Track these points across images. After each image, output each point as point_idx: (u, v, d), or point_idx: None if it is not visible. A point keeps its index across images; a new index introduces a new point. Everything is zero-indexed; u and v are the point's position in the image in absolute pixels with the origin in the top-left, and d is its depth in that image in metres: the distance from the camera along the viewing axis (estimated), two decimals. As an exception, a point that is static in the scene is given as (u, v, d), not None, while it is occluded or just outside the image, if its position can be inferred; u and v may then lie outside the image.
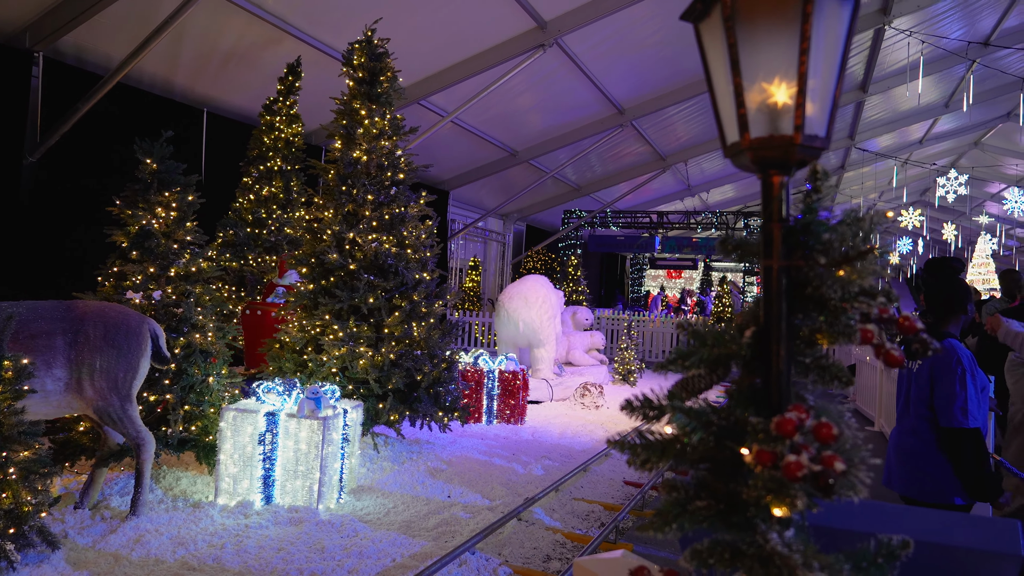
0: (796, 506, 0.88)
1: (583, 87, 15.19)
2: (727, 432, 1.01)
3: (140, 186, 6.05)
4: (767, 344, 1.03)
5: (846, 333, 1.00)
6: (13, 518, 4.10)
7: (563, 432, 9.25)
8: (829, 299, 1.00)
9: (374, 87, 7.64)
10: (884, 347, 0.98)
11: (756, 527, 0.97)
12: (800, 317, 1.06)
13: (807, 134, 1.00)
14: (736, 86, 1.02)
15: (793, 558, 0.91)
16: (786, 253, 1.03)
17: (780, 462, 0.91)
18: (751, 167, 1.06)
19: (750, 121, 1.02)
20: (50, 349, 4.79)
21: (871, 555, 0.98)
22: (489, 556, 4.89)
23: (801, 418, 0.92)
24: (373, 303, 7.16)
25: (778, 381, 1.02)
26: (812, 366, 1.05)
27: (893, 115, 20.93)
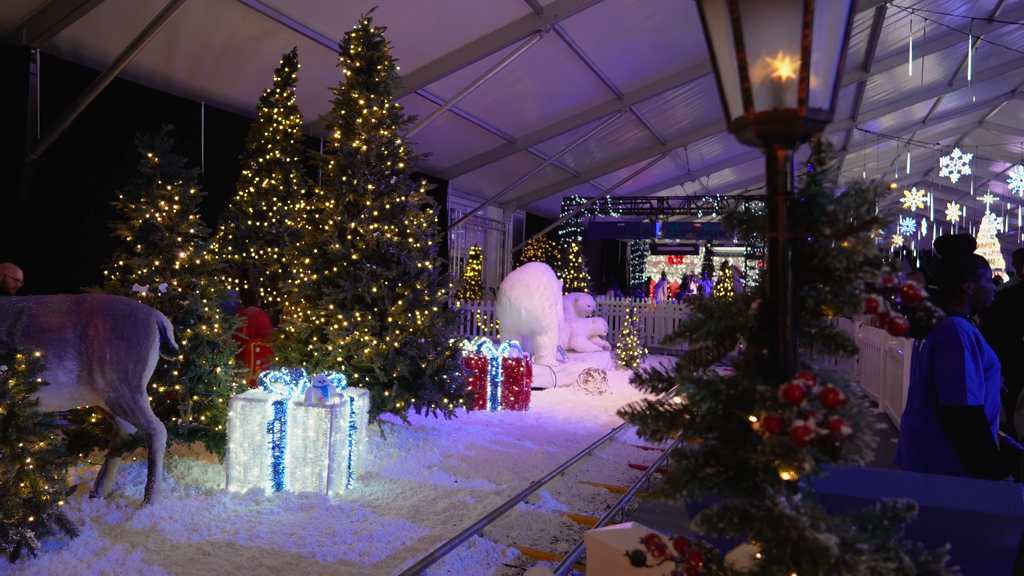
0: (804, 469, 0.91)
1: (581, 72, 15.15)
2: (735, 401, 1.04)
3: (143, 180, 6.08)
4: (773, 315, 1.06)
5: (851, 303, 1.03)
6: (32, 507, 4.16)
7: (567, 417, 9.30)
8: (834, 270, 1.03)
9: (372, 76, 7.64)
10: (888, 316, 1.00)
11: (764, 491, 1.00)
12: (806, 288, 1.08)
13: (811, 107, 1.02)
14: (740, 61, 1.04)
15: (801, 520, 0.94)
16: (791, 225, 1.06)
17: (788, 428, 0.94)
18: (755, 141, 1.08)
19: (754, 95, 1.04)
20: (61, 342, 4.84)
21: (876, 517, 1.01)
22: (497, 539, 4.94)
23: (808, 385, 0.95)
24: (376, 292, 7.19)
25: (785, 351, 1.04)
26: (818, 336, 1.08)
27: (896, 95, 20.82)
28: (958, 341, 3.27)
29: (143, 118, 10.17)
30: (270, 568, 4.30)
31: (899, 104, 21.30)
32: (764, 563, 0.98)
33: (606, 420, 9.16)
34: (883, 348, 10.26)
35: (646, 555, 1.20)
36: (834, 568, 0.91)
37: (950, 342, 3.30)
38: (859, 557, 0.89)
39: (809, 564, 0.95)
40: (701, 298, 1.15)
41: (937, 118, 23.51)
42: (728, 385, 1.04)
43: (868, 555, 0.90)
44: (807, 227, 1.05)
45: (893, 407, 9.45)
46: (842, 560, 0.89)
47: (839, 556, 0.89)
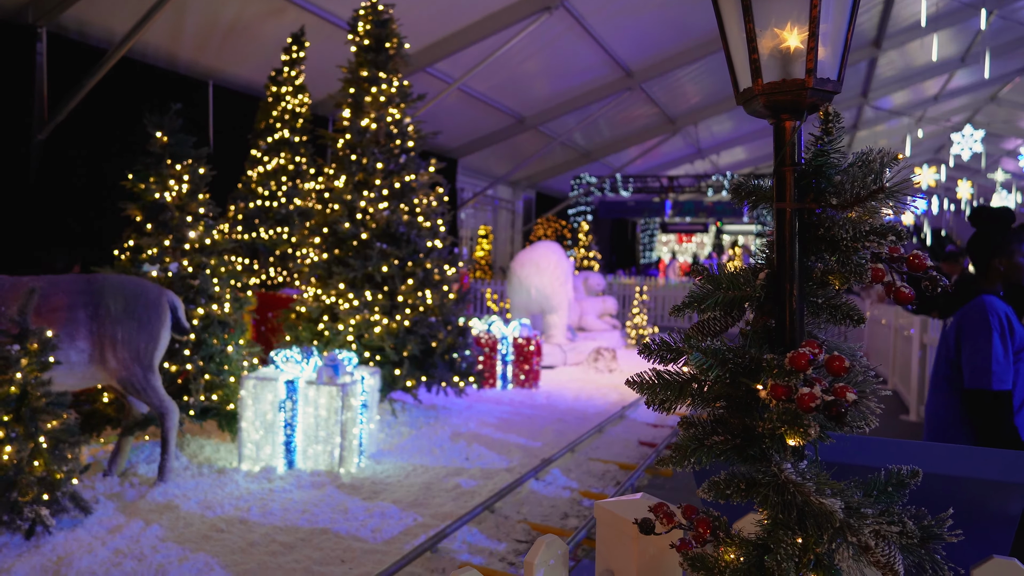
0: (809, 435, 0.92)
1: (590, 50, 15.04)
2: (742, 369, 1.05)
3: (152, 160, 6.10)
4: (780, 285, 1.07)
5: (857, 272, 1.03)
6: (46, 485, 4.22)
7: (577, 395, 9.34)
8: (841, 239, 1.03)
9: (380, 54, 7.61)
10: (895, 285, 1.01)
11: (771, 458, 1.01)
12: (812, 259, 1.09)
13: (819, 77, 1.02)
14: (748, 31, 1.04)
15: (806, 485, 0.95)
16: (798, 196, 1.06)
17: (794, 395, 0.95)
18: (763, 112, 1.08)
19: (763, 66, 1.04)
20: (72, 322, 4.88)
21: (881, 484, 1.02)
22: (508, 515, 4.99)
23: (814, 352, 0.96)
24: (387, 271, 7.21)
25: (791, 320, 1.05)
26: (824, 306, 1.09)
27: (907, 71, 20.58)
28: (986, 322, 3.10)
29: (151, 97, 10.16)
30: (283, 544, 4.37)
31: (911, 81, 21.06)
32: (770, 527, 1.00)
33: (616, 398, 9.20)
34: (893, 326, 10.23)
35: (655, 523, 1.22)
36: (839, 532, 0.92)
37: (977, 322, 3.13)
38: (863, 521, 0.91)
39: (814, 528, 0.96)
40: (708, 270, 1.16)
41: (949, 95, 23.24)
42: (735, 354, 1.06)
43: (872, 519, 0.91)
44: (814, 197, 1.06)
45: (903, 385, 9.44)
46: (847, 524, 0.91)
47: (844, 520, 0.91)
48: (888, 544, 0.90)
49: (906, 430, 8.13)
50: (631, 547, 1.38)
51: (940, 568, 0.93)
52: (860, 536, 0.89)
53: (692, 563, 1.10)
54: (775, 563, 0.95)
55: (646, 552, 1.40)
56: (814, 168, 1.05)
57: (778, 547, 0.96)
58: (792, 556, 0.96)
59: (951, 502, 1.07)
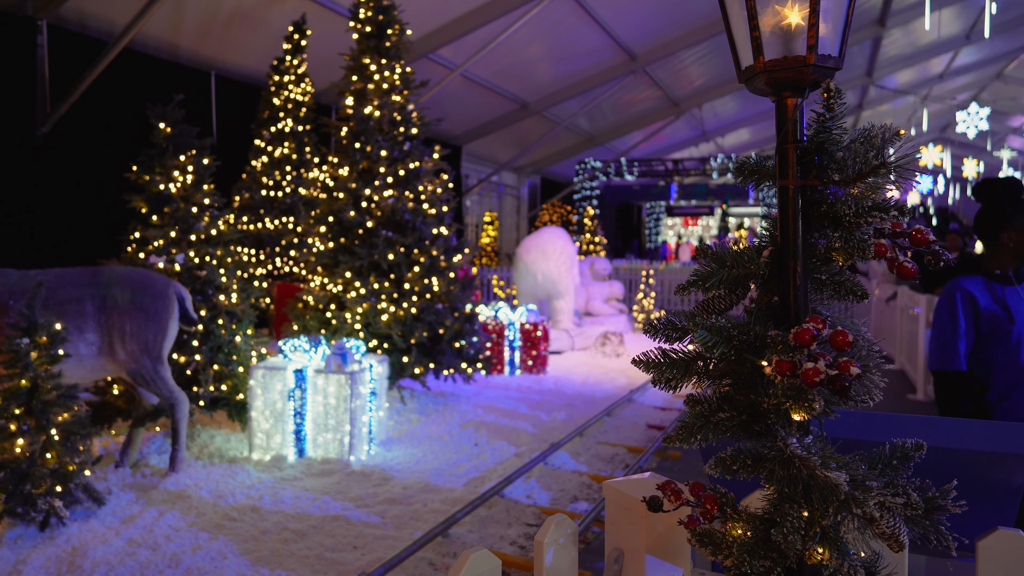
0: (814, 409, 0.93)
1: (593, 33, 14.96)
2: (747, 346, 1.06)
3: (156, 151, 6.10)
4: (784, 262, 1.07)
5: (860, 248, 1.04)
6: (59, 477, 4.26)
7: (585, 380, 9.36)
8: (843, 216, 1.04)
9: (382, 41, 7.59)
10: (898, 260, 1.01)
11: (776, 433, 1.02)
12: (816, 235, 1.09)
13: (820, 54, 1.03)
14: (750, 9, 1.04)
15: (812, 459, 0.96)
16: (801, 173, 1.06)
17: (798, 370, 0.96)
18: (765, 90, 1.08)
19: (764, 44, 1.04)
20: (80, 314, 4.91)
21: (886, 457, 1.03)
22: (518, 499, 5.03)
23: (818, 328, 0.96)
24: (393, 259, 7.22)
25: (795, 297, 1.06)
26: (828, 282, 1.09)
27: (912, 49, 20.42)
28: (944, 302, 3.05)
29: (153, 88, 10.15)
30: (295, 532, 4.41)
31: (916, 59, 20.91)
32: (777, 502, 1.01)
33: (623, 382, 9.22)
34: (899, 305, 10.21)
35: (663, 500, 1.23)
36: (844, 504, 0.93)
37: (939, 304, 3.09)
38: (868, 493, 0.92)
39: (820, 501, 0.97)
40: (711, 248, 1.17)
41: (954, 72, 23.06)
42: (740, 331, 1.06)
43: (877, 491, 0.92)
44: (816, 174, 1.06)
45: (909, 364, 9.43)
46: (852, 496, 0.91)
47: (849, 492, 0.92)
48: (893, 516, 0.91)
49: (913, 409, 8.12)
50: (639, 525, 1.40)
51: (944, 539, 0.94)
52: (865, 508, 0.90)
53: (700, 539, 1.11)
54: (781, 536, 0.96)
55: (654, 530, 1.41)
56: (816, 145, 1.05)
57: (784, 520, 0.97)
58: (798, 529, 0.97)
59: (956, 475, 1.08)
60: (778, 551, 1.01)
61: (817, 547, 0.98)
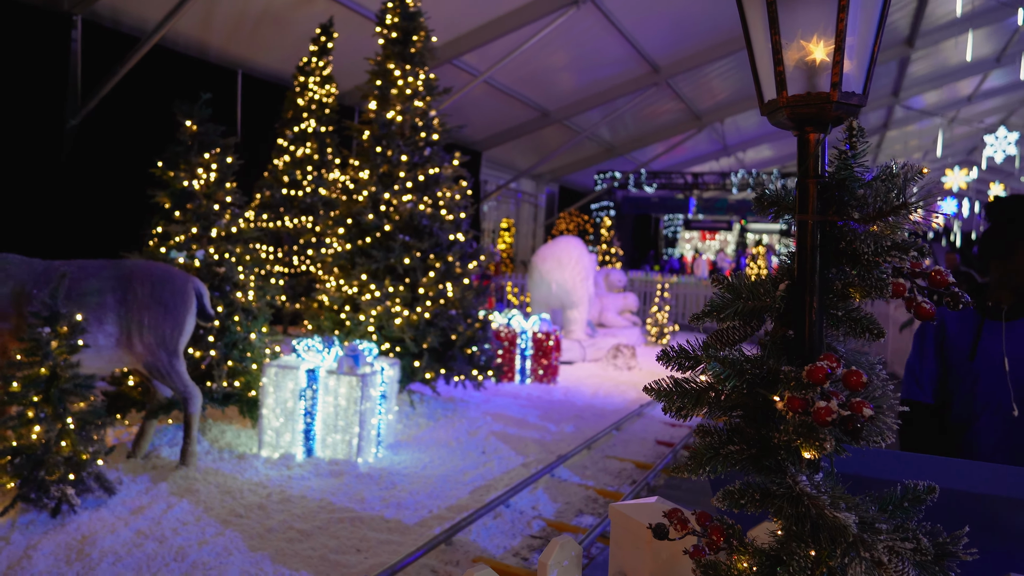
0: (825, 449, 0.93)
1: (617, 44, 14.97)
2: (760, 380, 1.06)
3: (181, 148, 6.17)
4: (800, 297, 1.07)
5: (878, 286, 1.03)
6: (72, 465, 4.31)
7: (595, 392, 9.34)
8: (862, 253, 1.03)
9: (407, 47, 7.64)
10: (915, 300, 1.01)
11: (786, 470, 1.02)
12: (833, 271, 1.09)
13: (844, 91, 1.02)
14: (774, 43, 1.04)
15: (821, 499, 0.96)
16: (821, 208, 1.06)
17: (811, 408, 0.95)
18: (787, 124, 1.08)
19: (787, 78, 1.04)
20: (101, 306, 4.96)
21: (897, 499, 1.02)
22: (523, 510, 5.02)
23: (832, 366, 0.96)
24: (408, 263, 7.25)
25: (811, 332, 1.05)
26: (844, 319, 1.09)
27: (940, 70, 20.28)
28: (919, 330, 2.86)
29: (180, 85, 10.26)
30: (300, 531, 4.42)
31: (943, 80, 20.75)
32: (784, 540, 1.00)
33: (634, 396, 9.19)
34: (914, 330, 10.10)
35: (668, 528, 1.23)
36: (852, 546, 0.93)
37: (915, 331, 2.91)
38: (877, 536, 0.91)
39: (828, 542, 0.97)
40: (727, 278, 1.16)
41: (983, 95, 22.87)
42: (753, 364, 1.06)
43: (886, 535, 0.92)
44: (836, 210, 1.06)
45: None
46: (860, 539, 0.91)
47: (857, 535, 0.91)
48: (902, 560, 0.90)
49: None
50: (645, 550, 1.39)
51: (954, 586, 0.93)
52: (874, 552, 0.89)
53: (705, 570, 1.11)
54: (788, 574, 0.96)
55: (659, 556, 1.41)
56: (837, 181, 1.05)
57: (791, 559, 0.97)
58: (805, 569, 0.96)
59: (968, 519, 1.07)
60: (783, 588, 1.00)
61: (823, 587, 0.97)
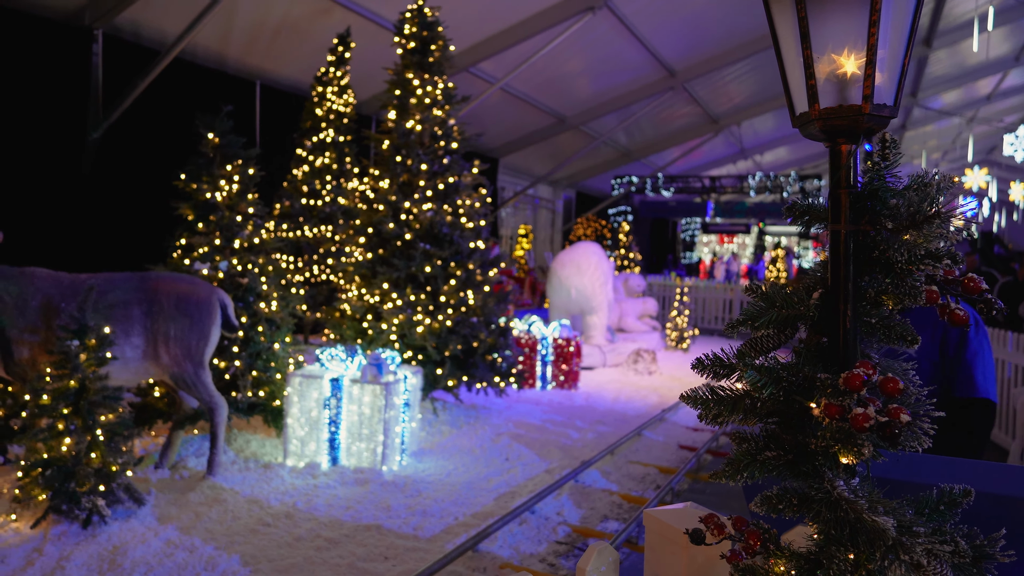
0: (863, 454, 0.95)
1: (633, 50, 14.99)
2: (796, 388, 1.08)
3: (203, 160, 6.25)
4: (834, 305, 1.09)
5: (912, 294, 1.05)
6: (102, 476, 4.37)
7: (616, 397, 9.33)
8: (895, 262, 1.05)
9: (426, 56, 7.70)
10: (949, 307, 1.02)
11: (823, 475, 1.04)
12: (866, 279, 1.11)
13: (876, 103, 1.04)
14: (806, 58, 1.06)
15: (859, 503, 0.98)
16: (853, 218, 1.08)
17: (848, 414, 0.97)
18: (819, 136, 1.10)
19: (819, 91, 1.06)
20: (127, 318, 5.03)
21: (933, 502, 1.04)
22: (548, 516, 5.03)
23: (868, 374, 0.98)
24: (430, 272, 7.30)
25: (845, 340, 1.07)
26: (878, 326, 1.11)
27: (959, 70, 20.10)
28: (983, 329, 2.88)
29: (200, 97, 10.39)
30: (328, 540, 4.46)
31: (962, 80, 20.57)
32: (823, 543, 1.02)
33: (655, 401, 9.17)
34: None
35: (705, 533, 1.25)
36: (891, 549, 0.94)
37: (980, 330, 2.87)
38: (916, 539, 0.93)
39: (866, 545, 0.98)
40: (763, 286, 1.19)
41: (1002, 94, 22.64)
42: (789, 372, 1.08)
43: (924, 538, 0.93)
44: (869, 220, 1.07)
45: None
46: (899, 542, 0.93)
47: (896, 538, 0.93)
48: (940, 563, 0.92)
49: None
50: (680, 555, 1.41)
51: (992, 588, 0.94)
52: (913, 554, 0.91)
53: (743, 574, 1.13)
54: (827, 578, 0.98)
55: (695, 560, 1.42)
56: (869, 191, 1.07)
57: (831, 563, 0.98)
58: (844, 572, 0.98)
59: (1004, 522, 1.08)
60: (822, 591, 1.02)
61: (862, 590, 0.99)
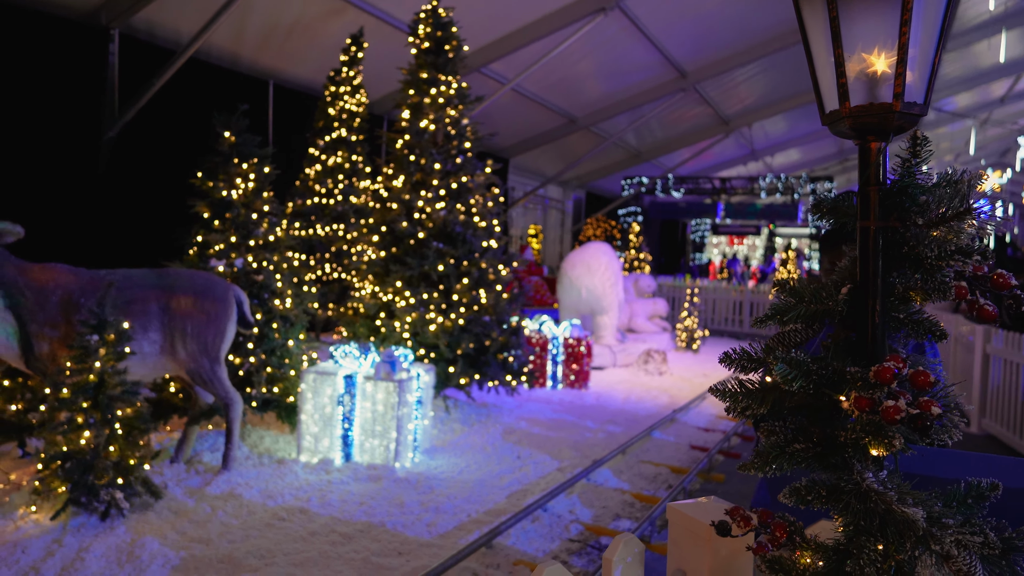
0: (894, 446, 0.96)
1: (644, 51, 14.99)
2: (825, 381, 1.10)
3: (220, 158, 6.30)
4: (863, 300, 1.10)
5: (941, 290, 1.07)
6: (120, 470, 4.42)
7: (627, 397, 9.34)
8: (925, 258, 1.07)
9: (440, 56, 7.73)
10: (978, 303, 1.04)
11: (852, 467, 1.05)
12: (894, 275, 1.12)
13: (906, 101, 1.06)
14: (837, 56, 1.08)
15: (889, 494, 0.99)
16: (882, 214, 1.10)
17: (878, 407, 0.99)
18: (849, 134, 1.12)
19: (850, 90, 1.08)
20: (145, 314, 5.08)
21: (961, 495, 1.05)
22: (560, 513, 5.05)
23: (899, 367, 0.99)
24: (442, 270, 7.33)
25: (874, 334, 1.09)
26: (906, 321, 1.12)
27: (972, 72, 20.00)
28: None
29: (214, 96, 10.46)
30: (342, 535, 4.49)
31: (975, 82, 20.47)
32: (852, 534, 1.04)
33: (666, 401, 9.17)
34: (952, 335, 9.99)
35: (731, 526, 1.27)
36: (921, 540, 0.96)
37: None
38: (945, 531, 0.94)
39: (896, 536, 1.00)
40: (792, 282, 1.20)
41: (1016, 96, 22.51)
42: (819, 365, 1.10)
43: (954, 529, 0.95)
44: (898, 216, 1.09)
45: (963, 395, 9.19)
46: (929, 533, 0.94)
47: (926, 529, 0.95)
48: (969, 554, 0.93)
49: (967, 443, 7.94)
50: (705, 548, 1.43)
51: (1020, 579, 0.95)
52: (943, 545, 0.93)
53: (771, 565, 1.14)
54: (857, 568, 0.99)
55: (718, 553, 1.44)
56: (899, 188, 1.08)
57: (860, 553, 1.00)
58: (874, 562, 1.00)
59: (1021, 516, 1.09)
60: (850, 582, 1.04)
61: (891, 580, 1.01)
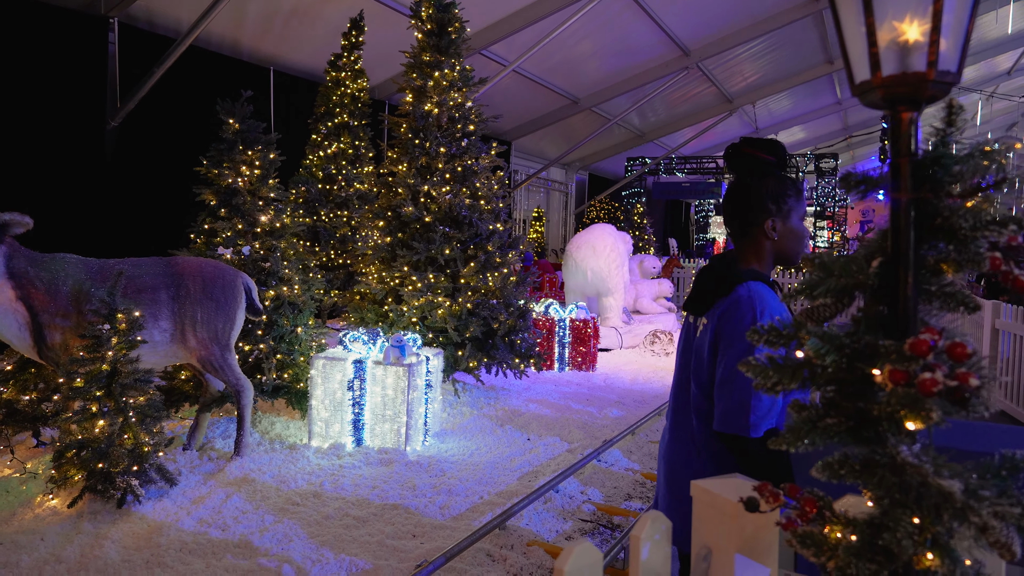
0: (932, 418, 0.95)
1: (647, 29, 14.88)
2: (857, 354, 1.09)
3: (224, 145, 6.27)
4: (894, 273, 1.09)
5: (975, 260, 1.05)
6: (135, 457, 4.44)
7: (635, 378, 9.35)
8: (959, 229, 1.05)
9: (443, 39, 7.68)
10: (1012, 273, 1.02)
11: (886, 440, 1.05)
12: (926, 247, 1.11)
13: (940, 70, 1.04)
14: (868, 26, 1.06)
15: (924, 467, 0.99)
16: (914, 186, 1.08)
17: (914, 380, 0.98)
18: (880, 104, 1.10)
19: (882, 59, 1.06)
20: (155, 302, 5.09)
21: (995, 467, 1.04)
22: (572, 494, 5.07)
23: (935, 339, 0.98)
24: (449, 254, 7.31)
25: (905, 308, 1.08)
26: (937, 293, 1.11)
27: (979, 44, 19.83)
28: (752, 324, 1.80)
29: (215, 84, 10.43)
30: (356, 518, 4.52)
31: (982, 55, 20.30)
32: (887, 507, 1.03)
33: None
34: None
35: (759, 501, 1.26)
36: (958, 513, 0.95)
37: (738, 327, 1.98)
38: (982, 503, 0.94)
39: (932, 509, 1.00)
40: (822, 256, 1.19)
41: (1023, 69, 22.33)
42: (852, 339, 1.09)
43: (990, 501, 0.94)
44: (931, 187, 1.08)
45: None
46: (967, 504, 0.94)
47: (964, 501, 0.94)
48: (1007, 525, 0.93)
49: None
50: (730, 524, 1.43)
51: (1058, 550, 0.95)
52: (980, 517, 0.92)
53: (801, 540, 1.14)
54: (894, 541, 0.99)
55: (744, 530, 1.44)
56: (932, 158, 1.07)
57: (896, 526, 1.00)
58: (911, 535, 0.99)
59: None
60: (885, 555, 1.03)
61: (927, 553, 1.00)
